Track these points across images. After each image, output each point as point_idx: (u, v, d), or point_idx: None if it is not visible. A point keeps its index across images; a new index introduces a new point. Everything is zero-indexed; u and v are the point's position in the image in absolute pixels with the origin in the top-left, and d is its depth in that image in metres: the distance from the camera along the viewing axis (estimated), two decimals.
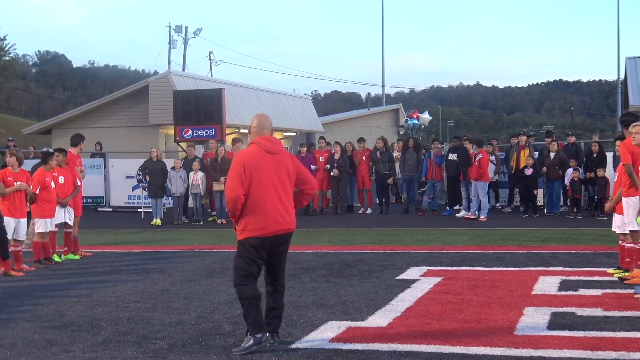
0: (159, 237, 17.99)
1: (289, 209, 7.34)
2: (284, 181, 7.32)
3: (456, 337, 7.44)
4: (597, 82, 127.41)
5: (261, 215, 7.15)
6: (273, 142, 7.40)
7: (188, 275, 11.75)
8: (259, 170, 7.20)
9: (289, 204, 7.38)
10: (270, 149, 7.32)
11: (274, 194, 7.23)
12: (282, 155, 7.40)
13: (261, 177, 7.19)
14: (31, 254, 13.30)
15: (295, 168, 7.46)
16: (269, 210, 7.17)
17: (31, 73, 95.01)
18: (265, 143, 7.33)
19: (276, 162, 7.31)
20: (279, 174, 7.29)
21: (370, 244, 15.45)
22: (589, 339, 7.24)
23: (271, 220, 7.18)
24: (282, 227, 7.26)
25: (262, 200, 7.16)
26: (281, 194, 7.28)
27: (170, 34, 62.81)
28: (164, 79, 31.06)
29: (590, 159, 20.41)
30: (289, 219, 7.34)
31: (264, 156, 7.27)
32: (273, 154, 7.32)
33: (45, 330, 8.16)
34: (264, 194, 7.17)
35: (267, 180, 7.21)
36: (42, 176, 13.13)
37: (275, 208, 7.21)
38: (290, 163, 7.42)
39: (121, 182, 25.42)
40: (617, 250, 11.38)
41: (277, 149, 7.38)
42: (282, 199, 7.29)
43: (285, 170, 7.35)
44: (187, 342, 7.48)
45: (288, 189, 7.39)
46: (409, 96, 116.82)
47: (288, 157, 7.47)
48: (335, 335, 7.63)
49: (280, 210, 7.23)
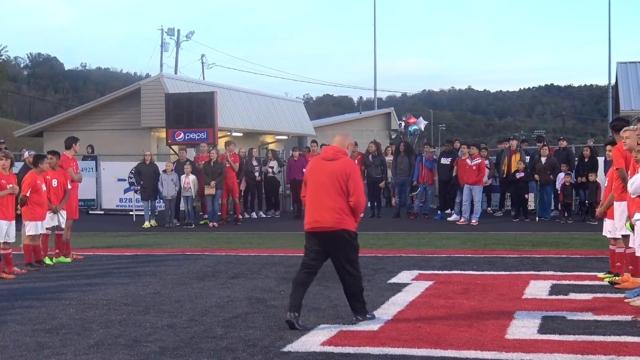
0: (150, 240, 17.97)
1: (329, 210, 8.16)
2: (327, 185, 8.23)
3: (447, 341, 7.46)
4: (588, 86, 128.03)
5: (306, 213, 8.44)
6: (328, 152, 8.45)
7: (180, 279, 11.74)
8: (310, 174, 8.41)
9: (334, 207, 8.16)
10: (324, 156, 8.43)
11: (316, 196, 8.29)
12: (336, 162, 8.28)
13: (311, 180, 8.38)
14: (23, 257, 13.26)
15: (347, 176, 8.22)
16: (308, 210, 8.37)
17: (23, 75, 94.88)
18: (322, 152, 8.61)
19: (328, 168, 8.26)
20: (328, 179, 8.23)
21: (362, 247, 15.34)
22: (580, 343, 7.27)
23: (309, 218, 8.33)
24: (317, 225, 8.23)
25: (308, 200, 8.38)
26: (323, 197, 8.21)
27: (163, 36, 62.71)
28: (156, 82, 31.02)
29: (582, 164, 20.47)
30: (326, 220, 8.19)
31: (319, 163, 8.39)
32: (327, 160, 8.33)
33: (37, 333, 8.15)
34: (310, 193, 8.36)
35: (313, 184, 8.34)
36: (33, 179, 13.11)
37: (314, 209, 8.28)
38: (343, 171, 8.22)
39: (113, 185, 25.38)
40: (608, 254, 11.42)
41: (332, 157, 8.36)
42: (324, 201, 8.18)
43: (335, 177, 8.20)
44: (179, 345, 7.48)
45: (332, 193, 8.19)
46: (401, 100, 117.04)
47: (342, 165, 8.26)
48: (326, 339, 7.64)
49: (320, 211, 8.22)
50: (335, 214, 8.15)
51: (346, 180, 8.18)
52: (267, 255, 14.41)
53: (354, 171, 8.31)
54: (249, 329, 8.16)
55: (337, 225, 8.17)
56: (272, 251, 15.09)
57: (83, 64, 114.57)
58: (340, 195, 8.18)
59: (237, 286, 10.92)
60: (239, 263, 13.38)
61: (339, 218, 8.17)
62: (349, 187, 8.19)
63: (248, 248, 15.75)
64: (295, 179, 22.77)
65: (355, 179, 8.25)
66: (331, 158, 8.33)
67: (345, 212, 8.21)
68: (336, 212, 8.16)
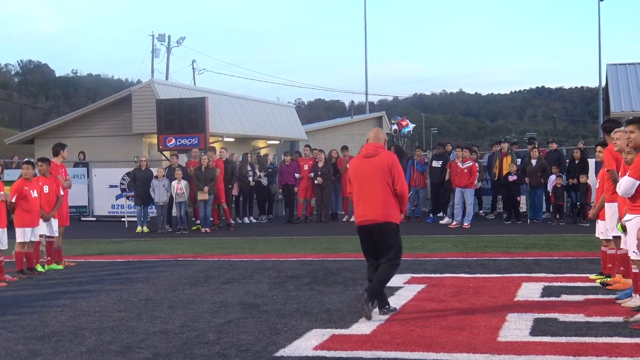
0: (142, 246, 17.95)
1: (376, 204, 8.70)
2: (373, 181, 8.78)
3: (440, 344, 7.46)
4: (579, 88, 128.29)
5: (355, 209, 9.05)
6: (369, 148, 8.98)
7: (172, 285, 11.73)
8: (355, 172, 8.99)
9: (379, 200, 8.71)
10: (365, 153, 8.96)
11: (362, 192, 8.86)
12: (377, 157, 8.84)
13: (355, 178, 8.96)
14: (14, 264, 13.22)
15: (390, 168, 8.79)
16: (357, 206, 8.97)
17: (13, 82, 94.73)
18: (362, 149, 9.10)
19: (371, 164, 8.82)
20: (373, 174, 8.79)
21: (354, 251, 15.41)
22: (572, 345, 7.28)
23: (357, 213, 8.95)
24: (365, 218, 8.79)
25: (355, 196, 8.96)
26: (369, 192, 8.77)
27: (153, 42, 62.71)
28: (147, 88, 30.98)
29: (573, 166, 20.52)
30: (372, 213, 8.74)
31: (361, 160, 8.97)
32: (369, 157, 8.88)
33: (29, 341, 8.13)
34: (356, 191, 8.92)
35: (359, 181, 8.90)
36: (20, 185, 13.07)
37: (362, 204, 8.85)
38: (386, 165, 8.78)
39: (104, 192, 25.36)
40: (599, 256, 11.44)
41: (372, 153, 8.91)
42: (371, 196, 8.75)
43: (379, 171, 8.76)
44: (171, 352, 7.47)
45: (377, 186, 8.74)
46: (392, 104, 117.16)
47: (383, 159, 8.83)
48: (319, 343, 7.64)
49: (367, 206, 8.76)
50: (381, 208, 8.71)
51: (389, 172, 8.76)
52: (260, 260, 14.40)
53: (394, 162, 8.90)
54: (242, 334, 8.16)
55: (383, 219, 8.72)
56: (264, 256, 15.09)
57: (74, 71, 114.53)
58: (385, 188, 8.74)
59: (229, 291, 10.91)
60: (232, 268, 13.37)
61: (385, 211, 8.73)
62: (393, 176, 8.77)
63: (240, 253, 15.74)
64: (287, 183, 22.78)
65: (397, 168, 8.86)
66: (372, 154, 8.89)
67: (392, 204, 8.78)
68: (383, 205, 8.72)
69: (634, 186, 8.54)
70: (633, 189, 8.56)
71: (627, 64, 32.29)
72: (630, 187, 8.57)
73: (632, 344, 7.31)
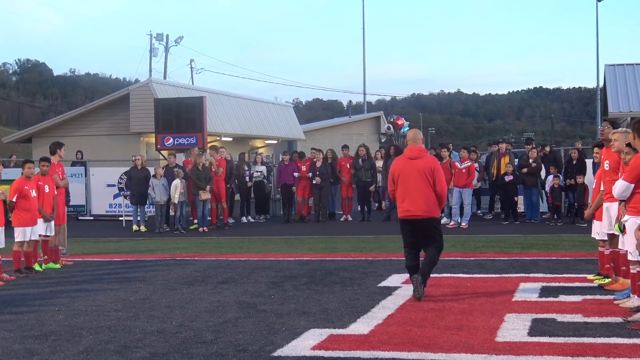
0: (140, 245, 17.94)
1: (420, 201, 9.74)
2: (417, 181, 9.77)
3: (438, 344, 7.46)
4: (576, 89, 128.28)
5: (399, 204, 10.05)
6: (414, 151, 9.98)
7: (169, 284, 11.72)
8: (399, 172, 9.90)
9: (420, 197, 9.74)
10: (410, 155, 9.96)
11: (407, 190, 9.84)
12: (421, 160, 9.85)
13: (401, 177, 9.90)
14: (16, 263, 13.19)
15: (432, 171, 9.81)
16: (401, 202, 9.99)
17: (11, 81, 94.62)
18: (406, 151, 10.07)
19: (415, 165, 9.81)
20: (417, 174, 9.78)
21: (352, 251, 15.47)
22: (570, 345, 7.29)
23: (402, 208, 9.96)
24: (410, 214, 9.84)
25: (399, 193, 9.95)
26: (414, 190, 9.76)
27: (152, 41, 62.71)
28: (145, 87, 30.95)
29: (570, 166, 20.51)
30: (417, 209, 9.78)
31: (406, 162, 9.93)
32: (413, 159, 9.88)
33: (26, 340, 8.12)
34: (401, 189, 9.90)
35: (404, 180, 9.87)
36: (20, 184, 13.06)
37: (407, 200, 9.85)
38: (428, 167, 9.81)
39: (102, 191, 25.32)
40: (597, 256, 11.43)
41: (416, 155, 9.93)
42: (415, 193, 9.75)
43: (422, 172, 9.76)
44: (169, 351, 7.46)
45: (421, 185, 9.75)
46: (390, 104, 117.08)
47: (426, 162, 9.87)
48: (317, 343, 7.64)
49: (412, 202, 9.79)
50: (424, 204, 9.77)
51: (432, 174, 9.79)
52: (257, 260, 14.40)
53: (436, 165, 10.01)
54: (239, 333, 8.15)
55: (427, 214, 9.80)
56: (262, 256, 15.08)
57: (72, 70, 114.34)
58: (428, 187, 9.77)
59: (227, 291, 10.91)
60: (229, 268, 13.36)
61: (428, 207, 9.79)
62: (435, 178, 9.80)
63: (238, 253, 15.73)
64: (286, 183, 22.75)
65: (438, 171, 9.92)
66: (417, 157, 9.92)
67: (433, 201, 9.84)
68: (425, 202, 9.77)
69: (628, 189, 8.59)
70: (627, 191, 8.61)
71: (625, 64, 32.27)
72: (624, 190, 8.64)
73: (630, 344, 7.31)
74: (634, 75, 31.16)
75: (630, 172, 8.56)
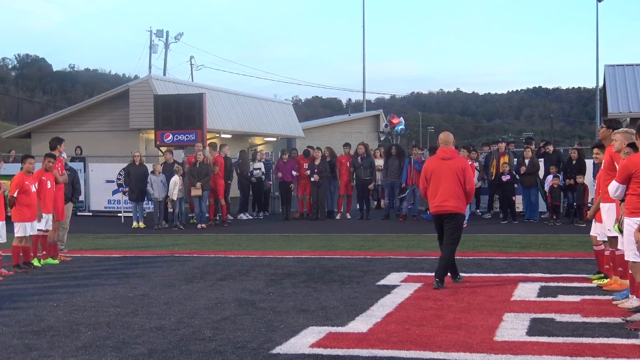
0: (139, 241, 17.93)
1: (451, 197, 10.70)
2: (450, 180, 10.73)
3: (436, 343, 7.47)
4: (576, 89, 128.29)
5: (431, 199, 10.98)
6: (447, 152, 10.99)
7: (168, 280, 11.71)
8: (433, 171, 10.88)
9: (451, 194, 10.71)
10: (443, 156, 10.94)
11: (440, 187, 10.79)
12: (453, 161, 10.87)
13: (434, 176, 10.86)
14: (15, 258, 13.18)
15: (463, 171, 10.82)
16: (434, 197, 10.92)
17: (11, 76, 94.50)
18: (439, 152, 11.06)
19: (448, 166, 10.79)
20: (450, 173, 10.76)
21: (351, 249, 15.46)
22: (568, 345, 7.29)
23: (435, 203, 10.91)
24: (442, 208, 10.80)
25: (432, 190, 10.91)
26: (446, 187, 10.72)
27: (151, 38, 62.68)
28: (144, 83, 30.94)
29: (570, 166, 20.51)
30: (448, 205, 10.75)
31: (439, 162, 10.91)
32: (446, 160, 10.88)
33: (24, 335, 8.11)
34: (433, 186, 10.86)
35: (437, 178, 10.82)
36: (21, 180, 13.04)
37: (439, 196, 10.79)
38: (460, 167, 10.83)
39: (101, 187, 25.30)
40: (596, 257, 11.43)
41: (449, 156, 10.94)
42: (446, 190, 10.70)
43: (454, 172, 10.74)
44: (167, 348, 7.46)
45: (453, 183, 10.72)
46: (389, 102, 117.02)
47: (458, 163, 10.90)
48: (315, 341, 7.64)
49: (443, 198, 10.73)
50: (454, 200, 10.72)
51: (463, 173, 10.78)
52: (256, 257, 14.39)
53: (467, 165, 11.11)
54: (238, 331, 8.15)
55: (455, 209, 10.77)
56: (260, 253, 15.08)
57: (71, 65, 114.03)
58: (459, 185, 10.74)
59: (225, 288, 10.91)
60: (228, 265, 13.36)
61: (457, 203, 10.76)
62: (465, 177, 10.79)
63: (237, 250, 15.73)
64: (285, 180, 22.75)
65: (468, 171, 11.00)
66: (449, 157, 10.92)
67: (462, 199, 10.85)
68: (455, 198, 10.72)
69: (619, 189, 8.66)
70: (620, 192, 8.67)
71: (624, 65, 32.25)
72: (616, 190, 8.71)
73: (628, 344, 7.32)
74: (634, 76, 31.14)
75: (620, 172, 8.64)
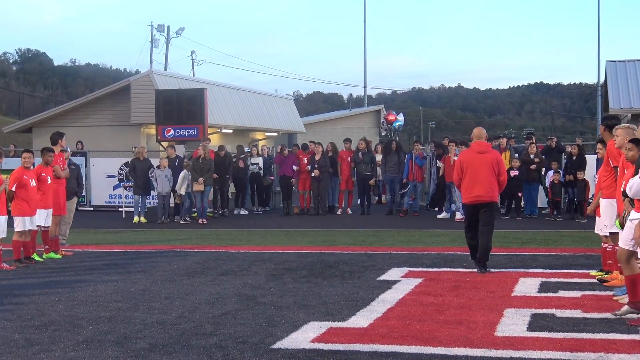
0: (140, 236, 17.94)
1: (486, 187, 11.61)
2: (486, 171, 11.62)
3: (437, 338, 7.47)
4: (577, 85, 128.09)
5: (466, 190, 11.85)
6: (482, 146, 11.92)
7: (169, 275, 11.72)
8: (469, 163, 11.76)
9: (488, 185, 11.62)
10: (479, 150, 11.84)
11: (475, 178, 11.67)
12: (489, 154, 11.78)
13: (469, 168, 11.72)
14: (16, 253, 13.19)
15: (497, 163, 11.75)
16: (469, 188, 11.79)
17: (12, 71, 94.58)
18: (475, 146, 11.96)
19: (484, 158, 11.68)
20: (486, 166, 11.65)
21: (352, 244, 15.47)
22: (569, 341, 7.30)
23: (470, 194, 11.77)
24: (478, 198, 11.67)
25: (467, 181, 11.77)
26: (482, 178, 11.60)
27: (153, 33, 62.48)
28: (145, 78, 30.88)
29: (570, 162, 20.51)
30: (484, 194, 11.66)
31: (475, 155, 11.81)
32: (482, 153, 11.78)
33: (26, 330, 8.12)
34: (469, 178, 11.73)
35: (473, 170, 11.68)
36: (20, 174, 13.04)
37: (476, 187, 11.66)
38: (495, 160, 11.76)
39: (102, 181, 25.33)
40: (600, 252, 11.44)
41: (484, 150, 11.86)
42: (482, 181, 11.60)
43: (490, 164, 11.63)
44: (169, 342, 7.47)
45: (488, 174, 11.62)
46: (390, 97, 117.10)
47: (493, 156, 11.83)
48: (316, 336, 7.64)
49: (480, 188, 11.61)
50: (490, 190, 11.65)
51: (497, 166, 11.71)
52: (257, 252, 14.40)
53: (500, 158, 12.08)
54: (239, 325, 8.16)
55: (491, 198, 11.76)
56: (261, 248, 15.09)
57: (72, 60, 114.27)
58: (493, 176, 11.67)
59: (226, 283, 10.92)
60: (229, 260, 13.37)
61: (492, 192, 11.72)
62: (499, 169, 11.73)
63: (238, 245, 15.74)
64: (285, 175, 22.73)
65: (502, 163, 11.94)
66: (484, 151, 11.82)
67: (496, 188, 11.78)
68: (491, 188, 11.66)
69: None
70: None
71: (626, 60, 32.21)
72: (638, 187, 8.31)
73: (629, 340, 7.33)
74: (635, 72, 31.10)
75: None
